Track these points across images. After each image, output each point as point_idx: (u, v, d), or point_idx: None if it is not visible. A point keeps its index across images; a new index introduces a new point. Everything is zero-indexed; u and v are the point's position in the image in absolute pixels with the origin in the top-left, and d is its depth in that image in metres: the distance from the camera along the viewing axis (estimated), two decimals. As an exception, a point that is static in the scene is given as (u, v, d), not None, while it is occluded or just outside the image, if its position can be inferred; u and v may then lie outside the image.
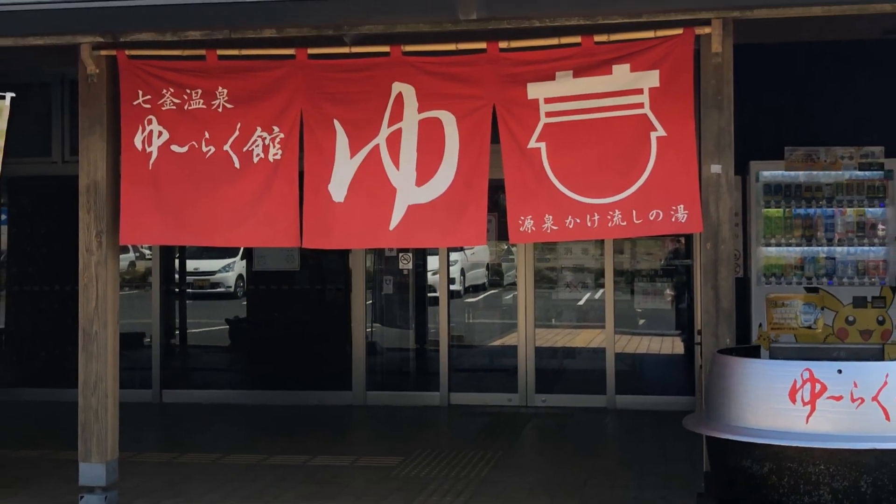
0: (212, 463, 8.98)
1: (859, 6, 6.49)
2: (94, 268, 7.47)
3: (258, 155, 7.28)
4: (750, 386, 5.79)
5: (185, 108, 7.38)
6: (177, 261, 13.25)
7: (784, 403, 5.60)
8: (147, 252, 13.11)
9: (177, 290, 13.31)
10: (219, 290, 15.69)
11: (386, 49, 7.16)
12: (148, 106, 7.40)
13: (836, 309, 10.08)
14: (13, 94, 7.41)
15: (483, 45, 7.03)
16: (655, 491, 7.89)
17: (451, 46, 7.08)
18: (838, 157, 10.18)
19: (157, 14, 6.91)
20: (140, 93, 7.39)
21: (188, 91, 7.37)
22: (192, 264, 14.16)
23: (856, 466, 5.47)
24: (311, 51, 7.23)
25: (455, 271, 12.98)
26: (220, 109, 7.34)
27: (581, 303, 12.49)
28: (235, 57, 7.31)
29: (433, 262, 12.21)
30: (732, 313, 6.84)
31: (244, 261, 13.75)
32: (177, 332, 13.32)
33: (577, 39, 6.90)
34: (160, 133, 7.40)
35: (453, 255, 12.58)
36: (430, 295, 12.35)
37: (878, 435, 5.46)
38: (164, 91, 7.38)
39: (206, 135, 7.35)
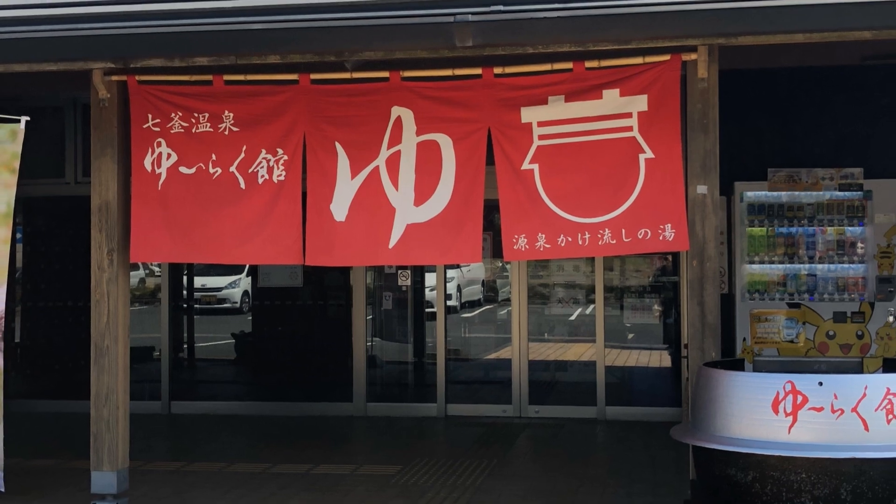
0: (218, 471, 9.05)
1: (839, 33, 6.55)
2: (105, 285, 7.58)
3: (263, 176, 7.41)
4: (734, 397, 5.90)
5: (193, 131, 7.49)
6: (185, 277, 13.30)
7: (767, 414, 5.72)
8: (156, 269, 13.10)
9: (185, 305, 13.37)
10: (225, 305, 15.57)
11: (385, 74, 7.28)
12: (157, 129, 7.52)
13: (817, 324, 10.10)
14: (28, 118, 7.57)
15: (479, 71, 7.14)
16: (644, 498, 7.97)
17: (448, 72, 7.20)
18: (819, 179, 10.20)
19: (166, 41, 6.98)
20: (150, 116, 7.52)
21: (196, 115, 7.48)
22: (199, 281, 14.03)
23: (836, 475, 5.60)
24: (313, 76, 7.35)
25: (452, 288, 12.90)
26: (226, 132, 7.46)
27: (573, 318, 12.46)
28: (241, 82, 7.41)
29: (431, 279, 12.24)
30: (718, 328, 6.93)
31: (249, 277, 13.70)
32: (185, 346, 13.36)
33: (569, 65, 7.02)
34: (169, 155, 7.51)
35: (450, 272, 12.60)
36: (427, 310, 12.40)
37: (858, 445, 5.60)
38: (173, 115, 7.50)
39: (213, 157, 7.48)
